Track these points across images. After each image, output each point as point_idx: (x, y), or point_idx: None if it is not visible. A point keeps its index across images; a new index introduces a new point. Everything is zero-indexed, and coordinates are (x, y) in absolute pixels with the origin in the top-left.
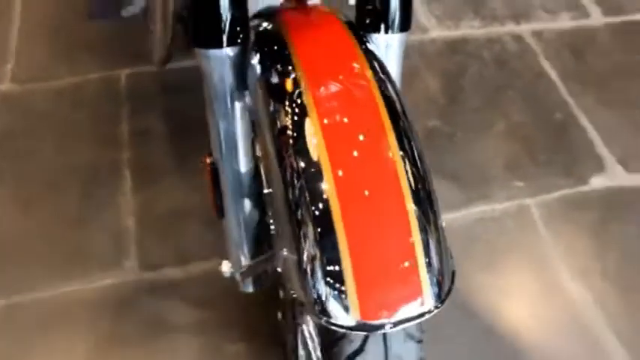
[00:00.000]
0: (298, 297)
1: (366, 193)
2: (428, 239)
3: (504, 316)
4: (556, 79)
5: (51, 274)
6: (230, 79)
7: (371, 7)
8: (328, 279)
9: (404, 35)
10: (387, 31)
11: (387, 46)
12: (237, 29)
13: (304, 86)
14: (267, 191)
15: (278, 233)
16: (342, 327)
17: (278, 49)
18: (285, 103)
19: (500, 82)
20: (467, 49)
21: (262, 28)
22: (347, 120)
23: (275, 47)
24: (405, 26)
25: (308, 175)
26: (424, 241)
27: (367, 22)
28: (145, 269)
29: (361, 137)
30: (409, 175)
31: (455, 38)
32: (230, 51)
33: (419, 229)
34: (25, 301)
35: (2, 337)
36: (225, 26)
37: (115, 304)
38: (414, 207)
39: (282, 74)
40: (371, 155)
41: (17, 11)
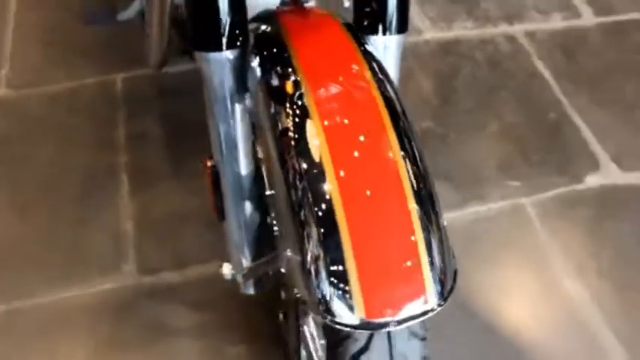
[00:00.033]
0: (302, 297)
1: (369, 193)
2: (430, 238)
3: (503, 314)
4: (549, 79)
5: (50, 280)
6: (230, 81)
7: (369, 9)
8: (332, 279)
9: (401, 37)
10: (384, 32)
11: (385, 48)
12: (237, 32)
13: (305, 88)
14: (269, 193)
15: (281, 234)
16: (347, 326)
17: (278, 51)
18: (287, 105)
19: (494, 82)
20: (460, 50)
21: (261, 30)
22: (348, 121)
23: (275, 50)
24: (402, 28)
25: (310, 176)
26: (427, 240)
27: (365, 24)
28: (144, 273)
29: (362, 138)
30: (410, 174)
31: (448, 39)
32: (230, 54)
33: (421, 228)
34: (24, 307)
35: (2, 343)
36: (225, 29)
37: (115, 308)
38: (416, 206)
39: (283, 76)
40: (372, 155)
41: (11, 15)
